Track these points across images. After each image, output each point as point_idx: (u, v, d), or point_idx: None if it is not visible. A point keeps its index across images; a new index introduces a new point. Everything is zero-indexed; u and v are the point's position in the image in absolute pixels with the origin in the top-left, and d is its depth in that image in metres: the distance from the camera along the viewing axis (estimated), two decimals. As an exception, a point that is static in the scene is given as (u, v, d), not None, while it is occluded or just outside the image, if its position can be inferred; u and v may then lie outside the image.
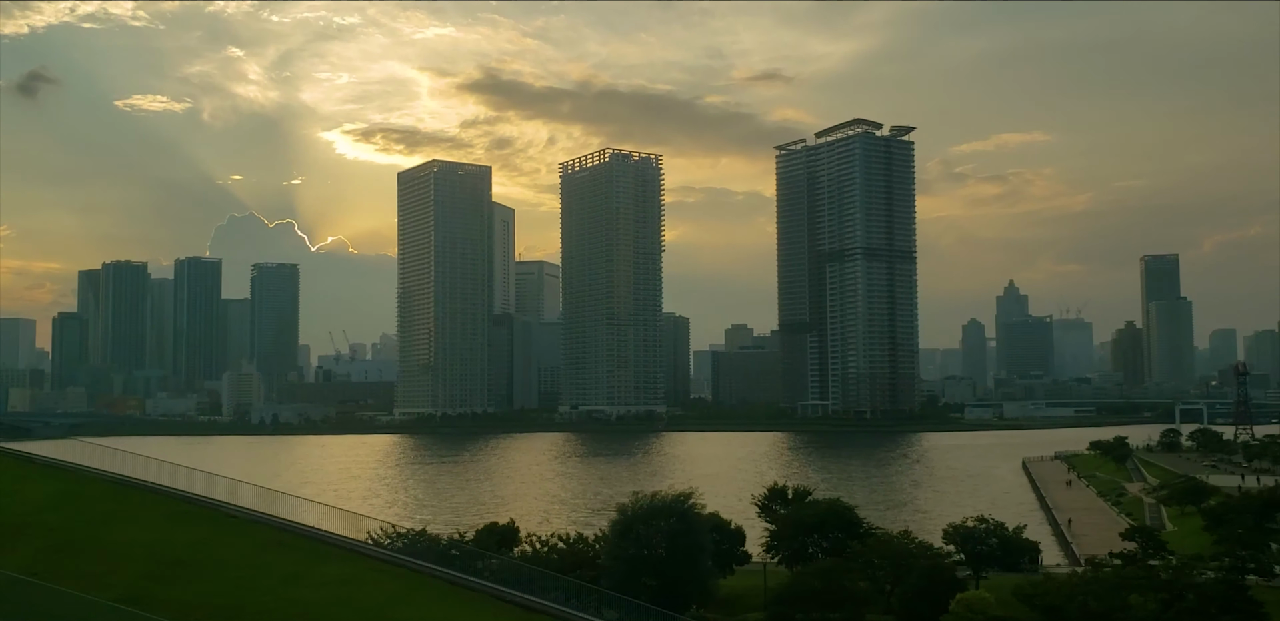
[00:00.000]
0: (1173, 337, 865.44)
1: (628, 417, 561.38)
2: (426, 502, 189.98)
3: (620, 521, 67.93)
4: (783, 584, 64.45)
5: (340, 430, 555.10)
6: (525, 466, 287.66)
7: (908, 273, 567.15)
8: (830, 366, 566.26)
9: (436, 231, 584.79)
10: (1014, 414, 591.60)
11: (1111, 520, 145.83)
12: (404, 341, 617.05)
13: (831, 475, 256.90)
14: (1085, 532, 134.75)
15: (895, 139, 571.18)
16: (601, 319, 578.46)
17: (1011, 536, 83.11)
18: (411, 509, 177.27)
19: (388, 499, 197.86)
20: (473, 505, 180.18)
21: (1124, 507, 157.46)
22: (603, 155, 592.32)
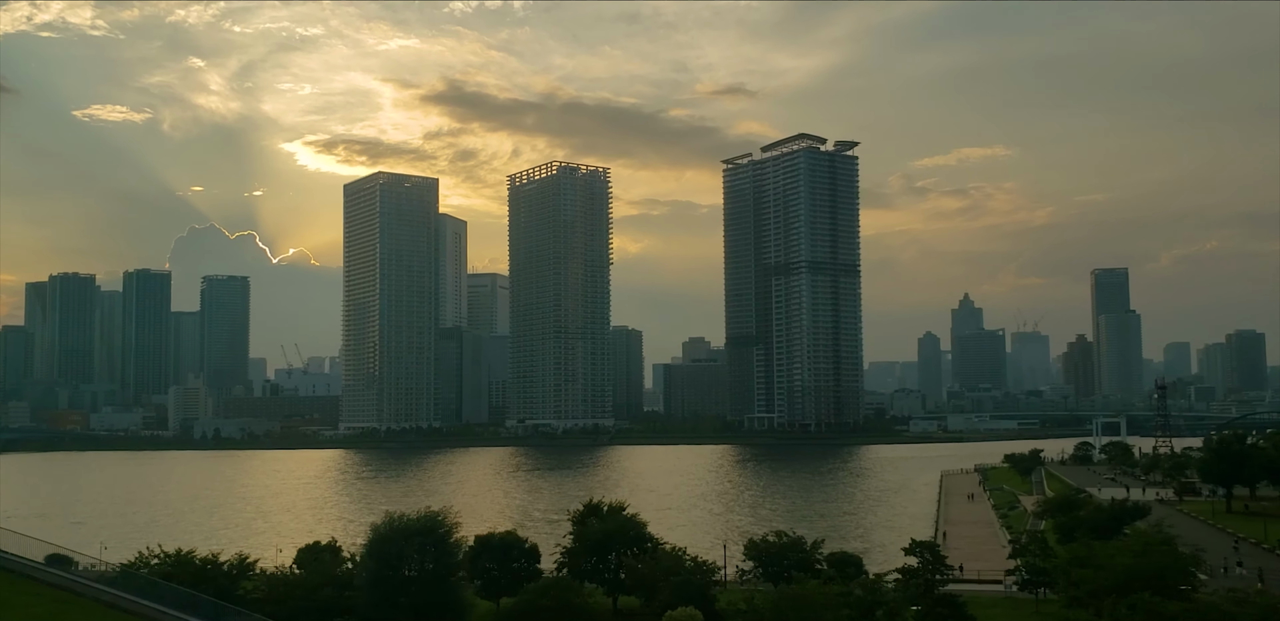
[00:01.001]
0: (1122, 350, 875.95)
1: (574, 431, 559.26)
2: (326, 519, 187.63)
3: (373, 542, 67.07)
4: (511, 601, 63.83)
5: (283, 445, 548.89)
6: (454, 482, 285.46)
7: (852, 286, 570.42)
8: (776, 379, 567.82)
9: (382, 244, 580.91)
10: (958, 426, 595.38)
11: (992, 533, 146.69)
12: (349, 355, 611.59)
13: (755, 488, 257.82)
14: (958, 546, 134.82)
15: (840, 154, 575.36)
16: (549, 332, 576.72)
17: (808, 551, 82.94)
18: (308, 524, 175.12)
19: (276, 518, 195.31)
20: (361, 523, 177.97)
21: (1010, 520, 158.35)
22: (550, 168, 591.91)
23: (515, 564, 77.89)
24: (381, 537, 65.72)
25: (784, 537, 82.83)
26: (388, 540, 65.62)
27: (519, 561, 78.18)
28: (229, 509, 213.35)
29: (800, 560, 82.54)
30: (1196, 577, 69.91)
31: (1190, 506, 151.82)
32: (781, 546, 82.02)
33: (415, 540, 65.17)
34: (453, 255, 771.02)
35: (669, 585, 64.83)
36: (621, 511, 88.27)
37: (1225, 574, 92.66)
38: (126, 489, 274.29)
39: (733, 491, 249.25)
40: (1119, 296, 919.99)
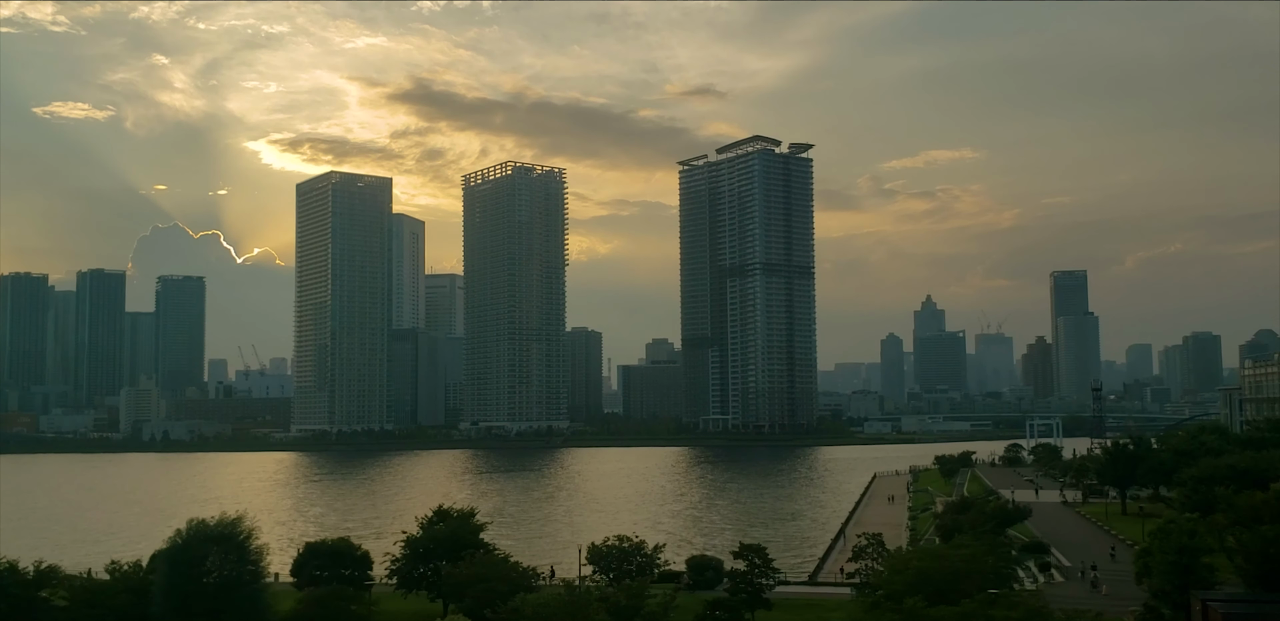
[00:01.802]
0: (1080, 352, 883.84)
1: (527, 434, 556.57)
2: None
3: (169, 549, 65.35)
4: (289, 609, 62.37)
5: (233, 447, 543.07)
6: (387, 487, 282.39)
7: (806, 288, 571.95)
8: (731, 381, 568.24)
9: (334, 244, 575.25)
10: (911, 428, 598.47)
11: (897, 535, 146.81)
12: (300, 357, 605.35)
13: (685, 492, 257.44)
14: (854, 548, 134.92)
15: (794, 156, 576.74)
16: (504, 334, 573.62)
17: (651, 555, 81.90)
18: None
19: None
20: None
21: (917, 523, 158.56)
22: (505, 168, 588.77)
23: (345, 571, 76.38)
24: (177, 544, 64.00)
25: (625, 542, 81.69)
26: (184, 546, 63.91)
27: (349, 569, 76.64)
28: (126, 513, 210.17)
29: (641, 564, 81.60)
30: (1010, 581, 69.50)
31: (1090, 508, 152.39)
32: (622, 551, 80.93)
33: (212, 546, 63.49)
34: (410, 256, 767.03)
35: (476, 590, 63.53)
36: (471, 517, 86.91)
37: (1082, 577, 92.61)
38: (30, 493, 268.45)
39: (659, 494, 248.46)
40: (1077, 299, 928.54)
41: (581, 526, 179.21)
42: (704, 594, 77.30)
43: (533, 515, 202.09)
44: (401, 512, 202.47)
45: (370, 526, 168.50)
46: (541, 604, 51.87)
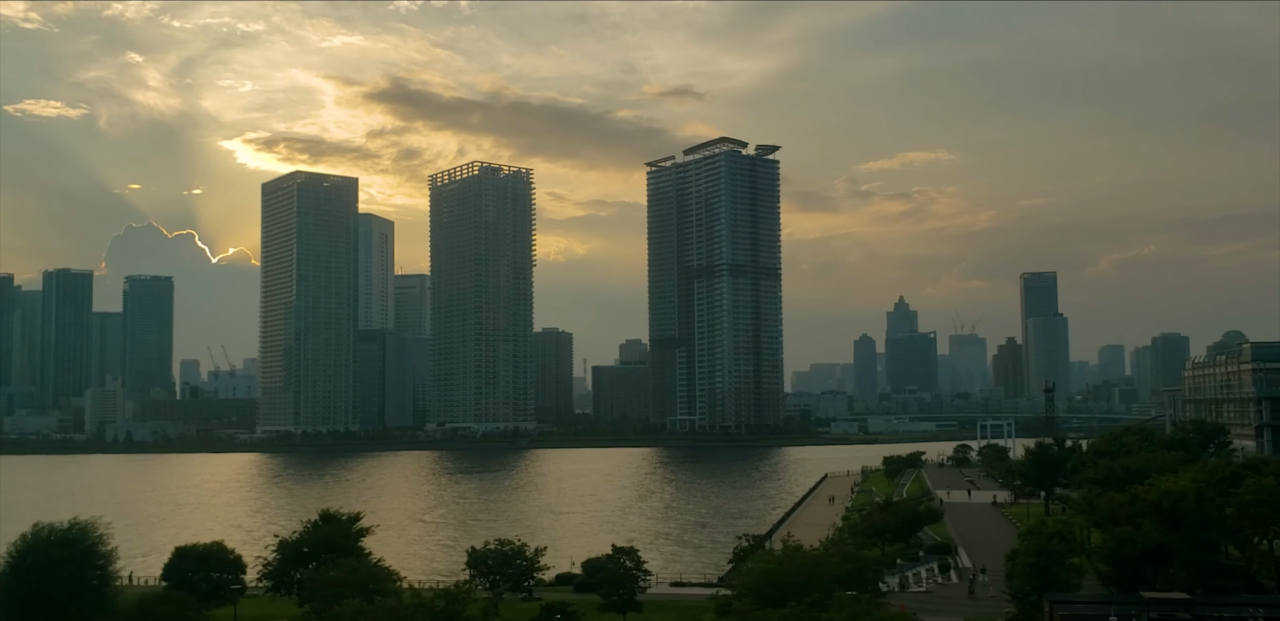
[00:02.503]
0: (1049, 353, 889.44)
1: (493, 435, 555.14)
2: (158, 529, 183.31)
3: (10, 555, 64.57)
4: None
5: (197, 448, 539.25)
6: (344, 488, 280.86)
7: (773, 289, 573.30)
8: (698, 381, 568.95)
9: (299, 244, 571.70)
10: (878, 428, 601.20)
11: (823, 537, 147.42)
12: (266, 357, 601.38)
13: (635, 492, 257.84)
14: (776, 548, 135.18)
15: (760, 158, 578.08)
16: (470, 334, 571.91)
17: (532, 559, 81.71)
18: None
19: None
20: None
21: (849, 523, 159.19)
22: (472, 168, 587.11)
23: (216, 574, 75.78)
24: (20, 549, 63.27)
25: (506, 546, 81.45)
26: (28, 551, 63.19)
27: (220, 572, 76.03)
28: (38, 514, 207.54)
29: (522, 568, 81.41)
30: (872, 582, 69.86)
31: (1015, 509, 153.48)
32: (503, 555, 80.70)
33: (58, 551, 62.81)
34: (379, 256, 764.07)
35: (323, 595, 63.09)
36: (357, 520, 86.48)
37: (973, 579, 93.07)
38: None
39: (611, 496, 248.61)
40: (1047, 300, 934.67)
41: (522, 529, 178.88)
42: (594, 597, 77.27)
43: (478, 516, 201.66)
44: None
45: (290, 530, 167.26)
46: (361, 611, 51.63)
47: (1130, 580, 66.54)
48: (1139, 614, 53.99)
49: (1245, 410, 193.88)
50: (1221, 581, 66.11)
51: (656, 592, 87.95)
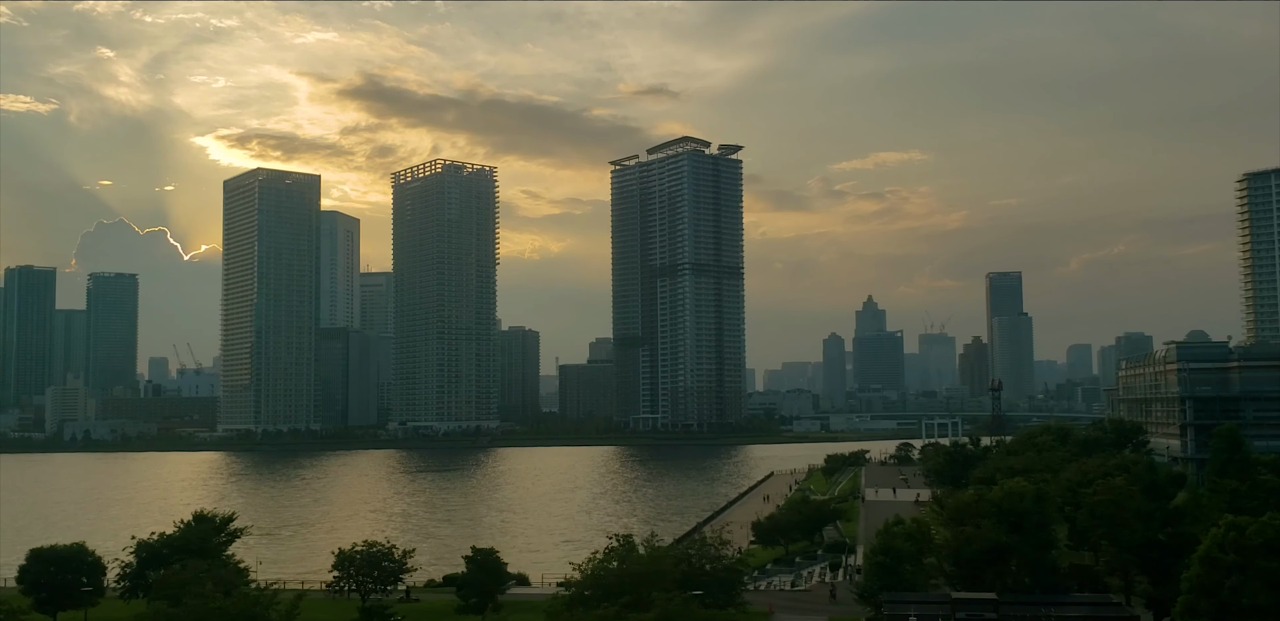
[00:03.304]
0: (1014, 352, 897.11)
1: (455, 434, 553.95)
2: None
3: None
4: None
5: (157, 447, 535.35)
6: (289, 488, 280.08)
7: (735, 288, 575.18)
8: (661, 380, 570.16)
9: (260, 241, 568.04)
10: (839, 426, 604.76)
11: (741, 536, 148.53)
12: (227, 355, 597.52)
13: (573, 492, 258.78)
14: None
15: (723, 158, 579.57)
16: (433, 333, 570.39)
17: (400, 561, 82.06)
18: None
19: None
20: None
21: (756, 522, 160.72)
22: (435, 166, 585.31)
23: (71, 577, 75.58)
24: None
25: (375, 547, 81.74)
26: None
27: (77, 574, 75.83)
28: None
29: (390, 570, 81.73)
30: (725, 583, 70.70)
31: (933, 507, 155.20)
32: (369, 556, 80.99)
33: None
34: (344, 253, 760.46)
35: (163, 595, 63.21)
36: (230, 521, 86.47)
37: (850, 580, 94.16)
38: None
39: (557, 494, 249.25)
40: (1012, 299, 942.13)
41: (453, 527, 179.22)
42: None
43: (413, 516, 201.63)
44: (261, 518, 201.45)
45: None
46: (160, 612, 51.82)
47: (971, 579, 67.71)
48: (948, 614, 55.02)
49: (1171, 410, 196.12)
50: (1059, 581, 67.38)
51: (540, 592, 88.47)
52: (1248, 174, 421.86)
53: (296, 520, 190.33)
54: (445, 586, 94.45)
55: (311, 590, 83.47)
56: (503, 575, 76.00)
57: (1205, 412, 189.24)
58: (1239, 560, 51.95)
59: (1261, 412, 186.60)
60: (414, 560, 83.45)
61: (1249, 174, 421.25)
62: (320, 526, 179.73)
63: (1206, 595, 52.70)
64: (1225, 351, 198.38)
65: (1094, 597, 61.66)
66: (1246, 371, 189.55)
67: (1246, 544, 52.34)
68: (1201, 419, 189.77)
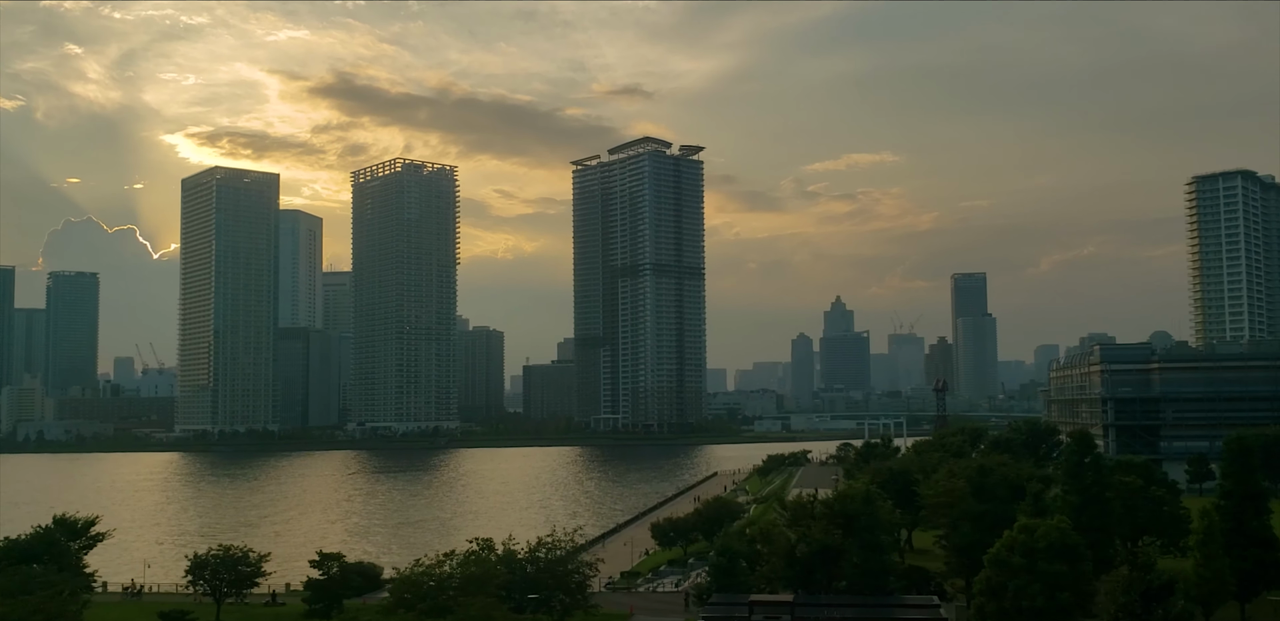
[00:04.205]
0: (977, 352, 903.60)
1: (413, 434, 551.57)
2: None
3: None
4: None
5: (112, 448, 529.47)
6: (222, 491, 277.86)
7: (696, 289, 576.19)
8: (621, 380, 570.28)
9: (218, 240, 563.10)
10: (800, 426, 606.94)
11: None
12: (185, 355, 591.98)
13: (533, 489, 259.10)
14: (614, 551, 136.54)
15: (684, 159, 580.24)
16: (392, 333, 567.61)
17: (256, 564, 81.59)
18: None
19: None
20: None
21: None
22: (394, 165, 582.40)
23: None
24: None
25: (230, 551, 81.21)
26: None
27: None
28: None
29: (245, 573, 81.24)
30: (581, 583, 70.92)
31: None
32: (224, 560, 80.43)
33: None
34: (307, 253, 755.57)
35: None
36: (91, 524, 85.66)
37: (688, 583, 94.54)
38: None
39: (494, 495, 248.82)
40: (977, 300, 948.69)
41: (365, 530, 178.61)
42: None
43: (340, 518, 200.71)
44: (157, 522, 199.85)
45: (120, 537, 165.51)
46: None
47: (803, 580, 68.02)
48: (744, 616, 55.29)
49: (1095, 410, 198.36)
50: (888, 582, 67.74)
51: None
52: (1197, 177, 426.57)
53: (229, 523, 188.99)
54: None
55: (169, 594, 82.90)
56: (351, 580, 75.63)
57: (1126, 413, 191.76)
58: (1025, 563, 52.44)
59: (1180, 413, 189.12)
60: (270, 564, 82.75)
61: (1198, 177, 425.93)
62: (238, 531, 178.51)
63: (994, 597, 53.21)
64: (1147, 353, 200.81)
65: (913, 599, 62.10)
66: (1166, 373, 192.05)
67: (1034, 546, 52.85)
68: (1123, 419, 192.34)
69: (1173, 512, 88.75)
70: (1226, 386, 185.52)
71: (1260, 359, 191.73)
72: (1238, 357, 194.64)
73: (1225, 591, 70.86)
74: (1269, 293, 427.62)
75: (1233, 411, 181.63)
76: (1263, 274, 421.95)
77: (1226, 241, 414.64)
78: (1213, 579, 70.03)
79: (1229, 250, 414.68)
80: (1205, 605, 71.30)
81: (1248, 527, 75.46)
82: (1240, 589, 74.91)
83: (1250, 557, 74.42)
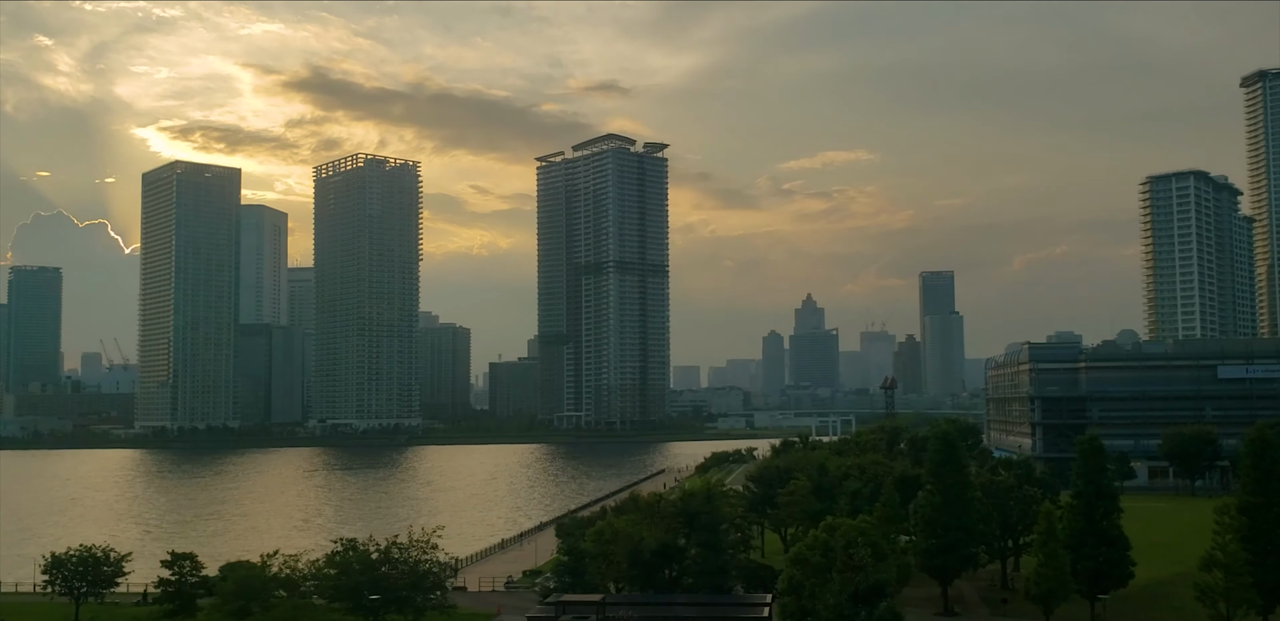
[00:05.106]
0: (944, 350, 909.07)
1: (373, 432, 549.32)
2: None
3: None
4: None
5: (70, 444, 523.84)
6: (162, 490, 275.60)
7: (660, 287, 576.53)
8: (585, 378, 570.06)
9: (178, 235, 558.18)
10: (763, 423, 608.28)
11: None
12: (145, 351, 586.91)
13: (476, 489, 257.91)
14: (532, 550, 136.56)
15: (649, 156, 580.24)
16: (353, 329, 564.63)
17: (116, 564, 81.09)
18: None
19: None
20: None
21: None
22: (356, 160, 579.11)
23: None
24: None
25: (91, 550, 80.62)
26: None
27: None
28: None
29: (106, 574, 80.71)
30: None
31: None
32: (84, 560, 79.82)
33: None
34: (272, 248, 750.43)
35: None
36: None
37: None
38: None
39: (436, 494, 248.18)
40: (944, 298, 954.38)
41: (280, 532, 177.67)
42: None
43: (276, 518, 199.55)
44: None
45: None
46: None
47: (644, 578, 68.24)
48: (553, 616, 55.39)
49: (1025, 409, 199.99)
50: (728, 580, 68.03)
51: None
52: (1150, 177, 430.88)
53: (157, 522, 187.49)
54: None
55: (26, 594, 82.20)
56: (206, 580, 75.18)
57: (1053, 412, 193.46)
58: (824, 561, 52.75)
59: (1106, 412, 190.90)
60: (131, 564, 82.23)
61: (1151, 177, 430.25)
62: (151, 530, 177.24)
63: (795, 595, 53.48)
64: (1075, 353, 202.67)
65: (744, 597, 62.40)
66: (1093, 372, 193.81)
67: (833, 545, 53.16)
68: (1050, 418, 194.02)
69: (1034, 512, 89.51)
70: (1151, 385, 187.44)
71: (1184, 358, 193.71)
72: (1162, 357, 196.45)
73: (1065, 590, 71.70)
74: (1220, 291, 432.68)
75: (1156, 410, 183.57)
76: (1214, 273, 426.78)
77: (1179, 241, 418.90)
78: (1052, 577, 70.89)
79: (1181, 249, 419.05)
80: (1045, 603, 72.15)
81: (1098, 527, 76.50)
82: (1089, 587, 75.88)
83: (1099, 556, 75.45)
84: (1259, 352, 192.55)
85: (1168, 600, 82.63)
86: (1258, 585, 67.64)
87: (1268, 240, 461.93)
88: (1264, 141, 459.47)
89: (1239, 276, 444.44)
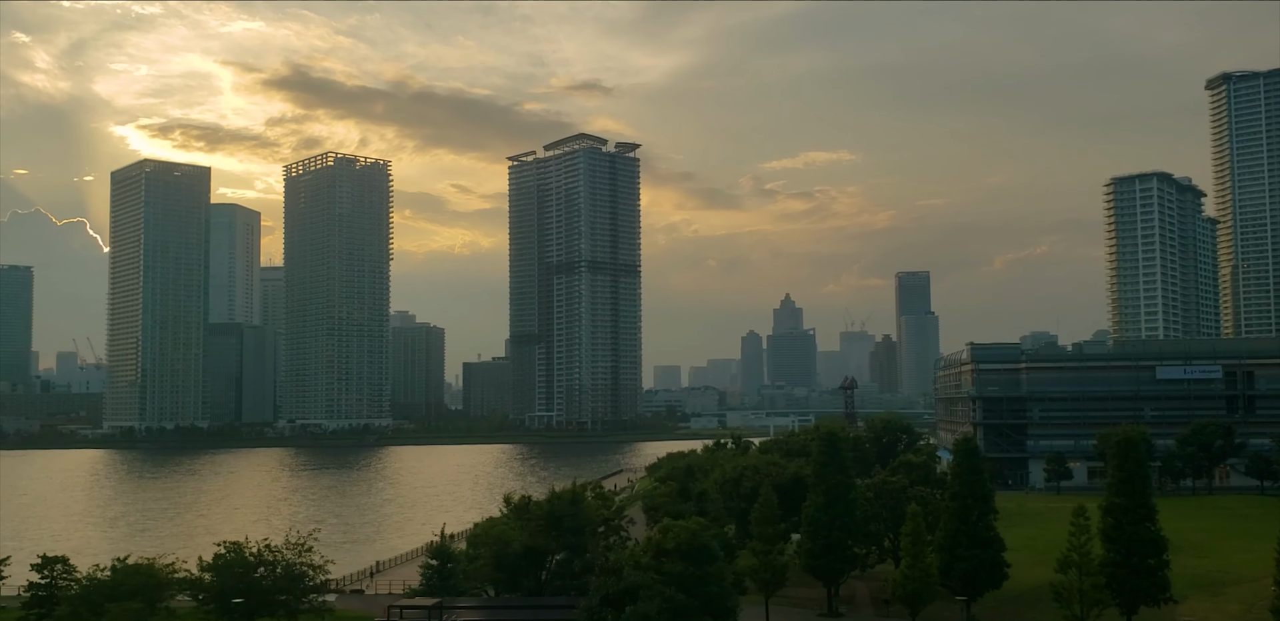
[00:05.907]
0: (920, 350, 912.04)
1: (342, 432, 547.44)
2: None
3: None
4: None
5: (35, 445, 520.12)
6: (113, 491, 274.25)
7: (632, 286, 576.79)
8: (556, 377, 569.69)
9: (146, 234, 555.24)
10: (736, 423, 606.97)
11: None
12: (113, 351, 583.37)
13: (436, 489, 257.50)
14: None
15: (620, 156, 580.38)
16: (323, 329, 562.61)
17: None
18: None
19: None
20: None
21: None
22: (326, 159, 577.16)
23: None
24: None
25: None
26: None
27: None
28: None
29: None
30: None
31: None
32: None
33: None
34: (244, 247, 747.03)
35: None
36: None
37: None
38: None
39: (383, 498, 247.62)
40: (920, 298, 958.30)
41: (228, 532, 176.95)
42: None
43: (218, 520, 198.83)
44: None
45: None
46: None
47: (510, 581, 68.26)
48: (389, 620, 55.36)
49: (968, 409, 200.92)
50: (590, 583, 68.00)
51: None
52: (1114, 179, 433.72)
53: (98, 524, 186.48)
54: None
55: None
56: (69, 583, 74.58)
57: (994, 412, 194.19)
58: (654, 563, 52.90)
59: (1046, 413, 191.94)
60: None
61: (1115, 179, 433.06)
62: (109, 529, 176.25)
63: (630, 598, 53.56)
64: (1016, 353, 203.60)
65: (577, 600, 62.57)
66: (1033, 373, 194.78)
67: (664, 547, 53.33)
68: (990, 418, 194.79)
69: (936, 512, 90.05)
70: (1090, 386, 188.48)
71: (1123, 359, 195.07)
72: (1102, 358, 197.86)
73: (930, 591, 72.16)
74: (1184, 292, 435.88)
75: (1095, 411, 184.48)
76: (1178, 274, 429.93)
77: (1143, 242, 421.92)
78: (917, 579, 71.33)
79: (1145, 251, 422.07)
80: (911, 605, 72.59)
81: (973, 529, 77.03)
82: (964, 588, 76.39)
83: (973, 558, 75.97)
84: (1197, 353, 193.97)
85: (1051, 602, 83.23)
86: (1121, 585, 68.32)
87: (1231, 242, 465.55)
88: (1228, 144, 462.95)
89: (1202, 278, 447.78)
